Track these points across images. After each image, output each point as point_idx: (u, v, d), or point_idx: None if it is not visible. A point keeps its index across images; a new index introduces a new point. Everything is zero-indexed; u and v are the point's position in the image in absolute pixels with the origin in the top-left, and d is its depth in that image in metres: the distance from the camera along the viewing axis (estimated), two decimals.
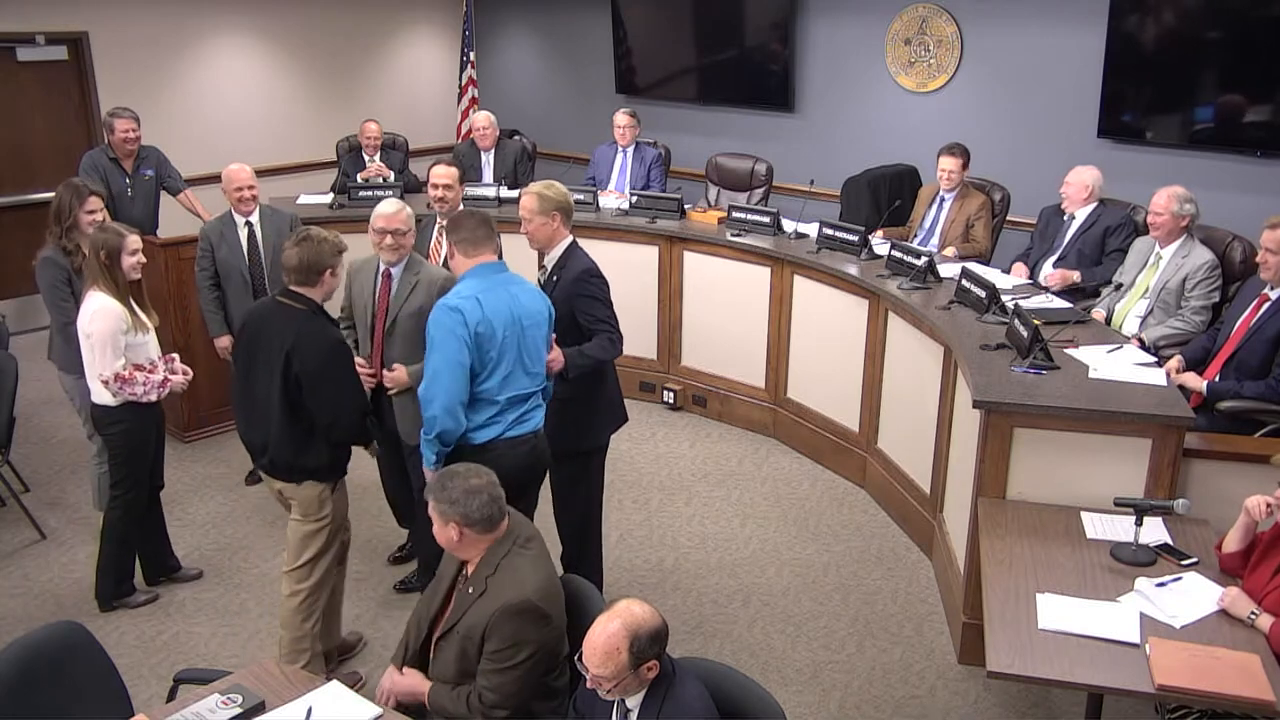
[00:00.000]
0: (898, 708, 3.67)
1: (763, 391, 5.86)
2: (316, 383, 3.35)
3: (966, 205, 5.72)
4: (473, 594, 2.77)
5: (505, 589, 2.71)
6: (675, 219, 6.14)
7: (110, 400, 4.00)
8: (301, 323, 3.38)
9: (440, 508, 2.74)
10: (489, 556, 2.78)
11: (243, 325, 3.55)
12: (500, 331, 3.36)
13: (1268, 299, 4.12)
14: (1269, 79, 5.55)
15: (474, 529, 2.74)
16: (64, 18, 7.38)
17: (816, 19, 7.45)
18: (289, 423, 3.40)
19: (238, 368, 3.54)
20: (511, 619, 2.67)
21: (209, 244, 5.06)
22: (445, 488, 2.75)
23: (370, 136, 7.23)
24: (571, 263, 3.80)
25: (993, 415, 3.66)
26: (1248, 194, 5.62)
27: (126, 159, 5.96)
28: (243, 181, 4.99)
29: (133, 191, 5.97)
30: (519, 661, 2.68)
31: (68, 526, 4.88)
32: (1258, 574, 2.98)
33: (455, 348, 3.28)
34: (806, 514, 5.04)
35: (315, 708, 2.57)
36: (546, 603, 2.73)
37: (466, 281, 3.42)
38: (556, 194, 3.80)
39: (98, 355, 3.93)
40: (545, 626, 2.71)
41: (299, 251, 3.40)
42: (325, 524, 3.55)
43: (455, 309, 3.31)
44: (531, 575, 2.75)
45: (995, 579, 3.14)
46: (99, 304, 3.92)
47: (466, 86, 9.29)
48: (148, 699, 3.56)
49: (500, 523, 2.80)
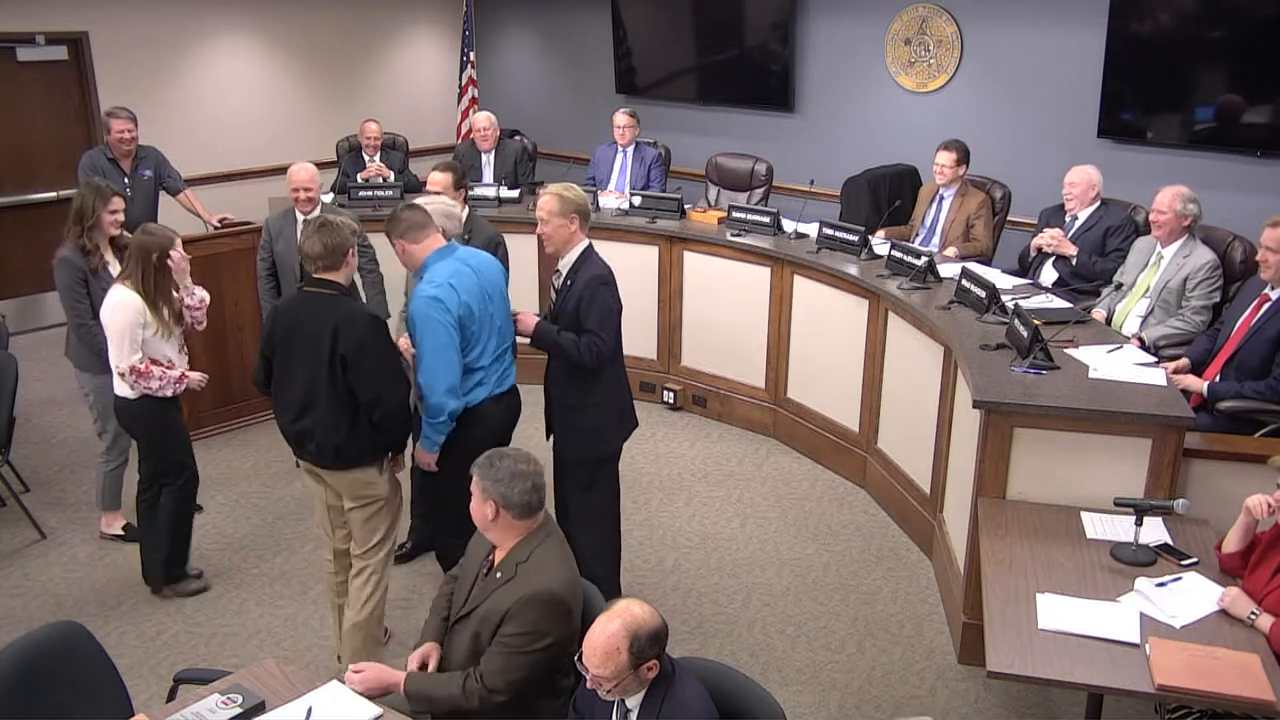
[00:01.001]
0: (898, 708, 3.67)
1: (763, 391, 5.86)
2: (360, 361, 3.41)
3: (966, 204, 5.71)
4: (500, 579, 2.78)
5: (534, 577, 2.73)
6: (675, 219, 6.14)
7: (129, 393, 4.08)
8: (338, 306, 3.45)
9: (484, 484, 2.76)
10: (523, 544, 2.80)
11: (273, 322, 3.60)
12: (476, 308, 3.61)
13: (1268, 299, 4.12)
14: (1269, 79, 5.55)
15: (511, 512, 2.76)
16: (64, 18, 7.38)
17: (816, 19, 7.45)
18: (336, 407, 3.45)
19: (276, 362, 3.59)
20: (536, 607, 2.68)
21: (269, 235, 5.18)
22: (494, 466, 2.77)
23: (370, 136, 7.23)
24: (585, 267, 3.77)
25: (993, 415, 3.66)
26: (1248, 194, 5.62)
27: (124, 159, 5.96)
28: (299, 182, 5.04)
29: (132, 192, 5.96)
30: (532, 650, 2.68)
31: (68, 526, 4.88)
32: (1258, 574, 2.98)
33: (444, 334, 3.52)
34: (806, 514, 5.04)
35: (315, 708, 2.57)
36: (572, 599, 2.75)
37: (433, 268, 3.60)
38: (575, 196, 3.77)
39: (114, 347, 4.00)
40: (565, 622, 2.72)
41: (321, 238, 3.47)
42: (381, 504, 3.59)
43: (436, 299, 3.51)
44: (560, 569, 2.78)
45: (995, 579, 3.14)
46: (119, 297, 3.99)
47: (466, 86, 9.28)
48: (148, 699, 3.56)
49: (538, 512, 2.82)
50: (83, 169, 5.85)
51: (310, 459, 3.58)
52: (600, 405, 3.85)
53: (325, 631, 4.10)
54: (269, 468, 5.49)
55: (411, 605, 4.27)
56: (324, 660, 3.92)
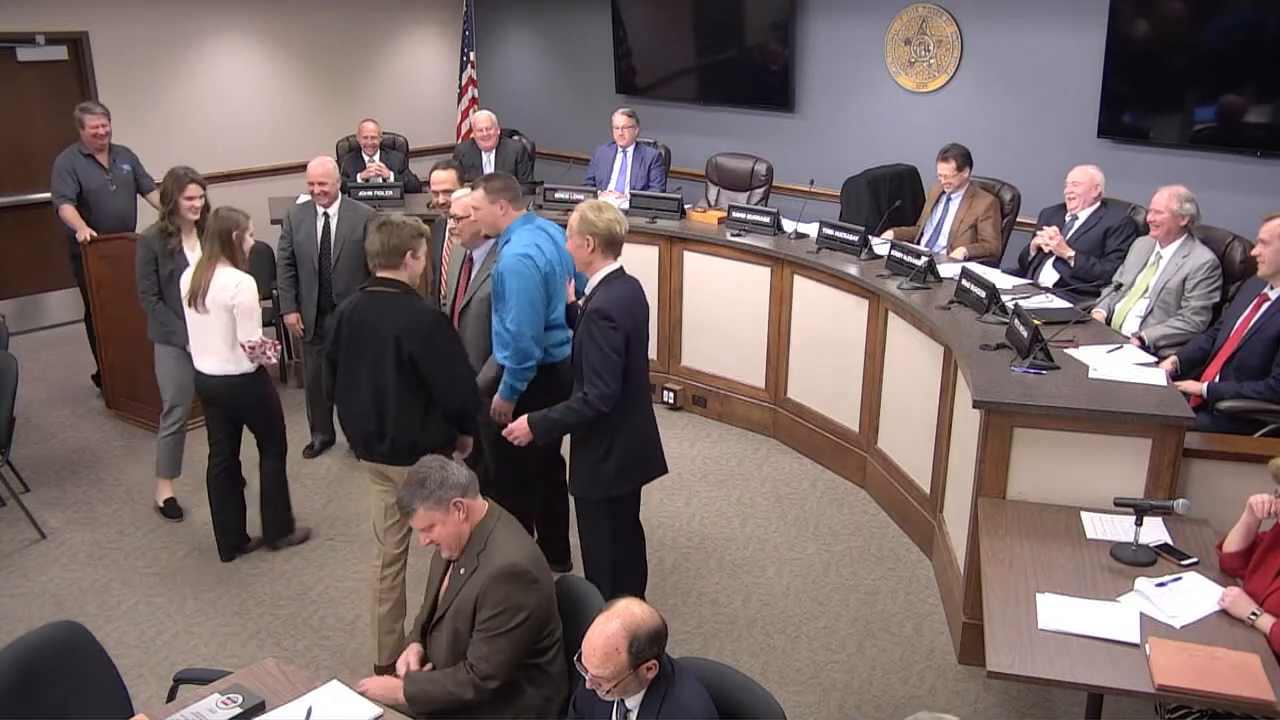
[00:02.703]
0: (898, 708, 3.67)
1: (763, 391, 5.86)
2: (429, 355, 3.50)
3: (975, 205, 5.70)
4: (464, 574, 2.84)
5: (495, 558, 2.80)
6: (675, 219, 6.14)
7: (248, 367, 4.33)
8: (401, 305, 3.55)
9: (437, 499, 2.81)
10: (475, 536, 2.87)
11: (339, 324, 3.66)
12: (556, 270, 3.94)
13: (1267, 299, 4.12)
14: (1269, 79, 5.55)
15: (468, 495, 2.84)
16: (64, 18, 7.38)
17: (816, 19, 7.45)
18: (411, 403, 3.53)
19: (341, 364, 3.65)
20: (502, 584, 2.75)
21: (289, 226, 5.33)
22: (426, 485, 2.82)
23: (368, 136, 7.23)
24: (597, 295, 3.53)
25: (993, 415, 3.66)
26: (1248, 194, 5.62)
27: (100, 153, 5.93)
28: (314, 177, 5.21)
29: (115, 185, 5.95)
30: (511, 627, 2.74)
31: (68, 526, 4.88)
32: (1259, 575, 2.98)
33: (534, 288, 3.83)
34: (806, 514, 5.04)
35: (315, 708, 2.57)
36: (535, 568, 2.82)
37: (520, 232, 3.94)
38: (596, 219, 3.51)
39: (248, 322, 4.26)
40: (535, 590, 2.79)
41: (380, 236, 3.58)
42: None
43: (527, 256, 3.83)
44: (516, 544, 2.86)
45: (995, 579, 3.14)
46: (238, 278, 4.25)
47: (466, 86, 9.28)
48: (148, 699, 3.56)
49: (479, 497, 2.91)
50: (56, 172, 5.81)
51: (381, 459, 3.62)
52: (612, 447, 3.57)
53: (325, 631, 4.11)
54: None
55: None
56: (324, 660, 3.93)
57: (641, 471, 3.74)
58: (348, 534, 4.82)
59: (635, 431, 3.62)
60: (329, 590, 4.39)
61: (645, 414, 3.70)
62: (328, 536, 4.80)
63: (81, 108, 5.94)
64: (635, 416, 3.61)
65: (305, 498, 5.13)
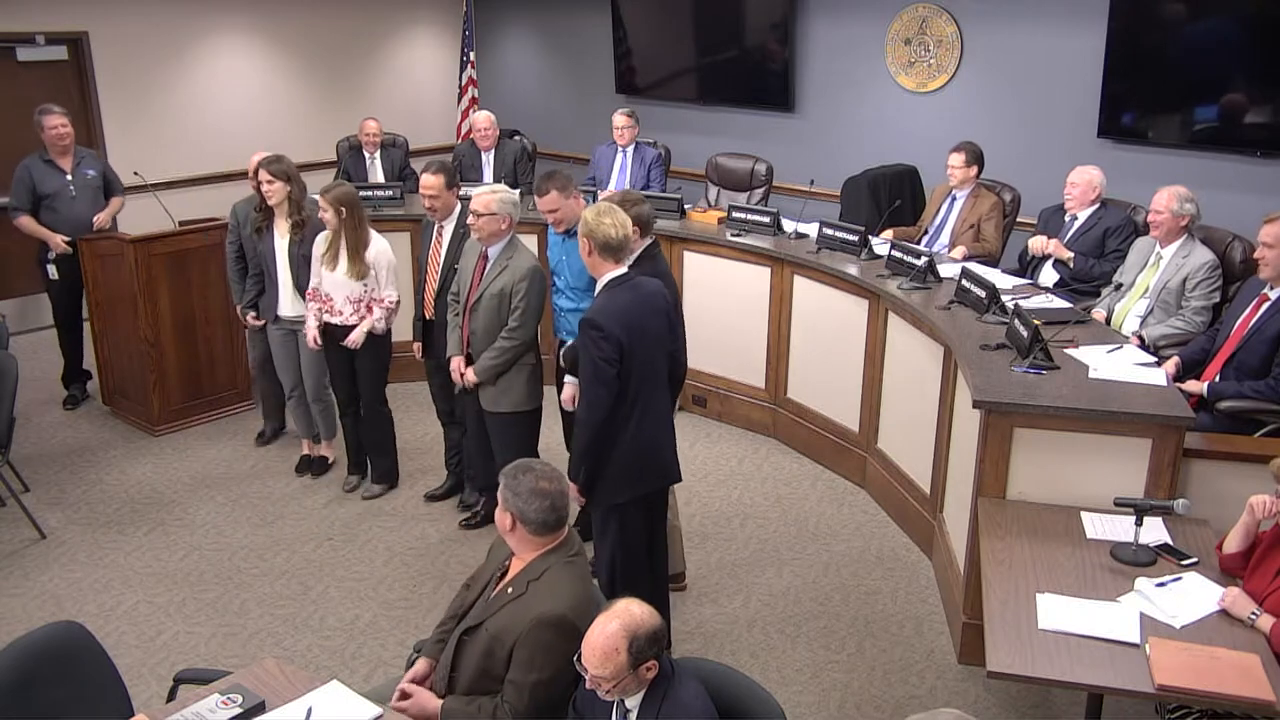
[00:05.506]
0: (898, 708, 3.67)
1: (763, 391, 5.86)
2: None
3: (979, 205, 5.70)
4: (511, 594, 2.75)
5: (544, 598, 2.68)
6: (675, 219, 6.14)
7: (381, 326, 4.82)
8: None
9: (505, 495, 2.76)
10: (537, 562, 2.77)
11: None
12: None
13: (1267, 299, 4.12)
14: (1269, 79, 5.55)
15: (526, 528, 2.75)
16: (64, 18, 7.38)
17: (816, 19, 7.45)
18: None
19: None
20: (545, 631, 2.65)
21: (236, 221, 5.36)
22: (517, 478, 2.76)
23: (370, 134, 7.24)
24: (594, 303, 3.49)
25: (993, 415, 3.66)
26: (1248, 194, 5.62)
27: (62, 156, 5.86)
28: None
29: (75, 190, 5.87)
30: (547, 678, 2.65)
31: (68, 526, 4.88)
32: (1259, 575, 2.98)
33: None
34: (806, 514, 5.04)
35: (315, 708, 2.57)
36: (581, 621, 2.67)
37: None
38: (597, 223, 3.44)
39: (385, 282, 4.79)
40: (577, 641, 2.65)
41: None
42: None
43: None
44: (570, 590, 2.72)
45: (995, 579, 3.14)
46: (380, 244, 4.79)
47: (466, 86, 9.28)
48: (148, 699, 3.56)
49: (556, 531, 2.78)
50: (14, 179, 5.75)
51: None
52: (611, 454, 3.51)
53: (325, 631, 4.10)
54: (268, 467, 5.48)
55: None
56: (324, 660, 3.93)
57: (644, 479, 3.62)
58: (348, 534, 4.83)
59: (635, 438, 3.52)
60: (329, 590, 4.39)
61: (650, 421, 3.56)
62: (327, 536, 4.80)
63: (40, 109, 5.88)
64: (634, 424, 3.51)
65: (305, 497, 5.14)
